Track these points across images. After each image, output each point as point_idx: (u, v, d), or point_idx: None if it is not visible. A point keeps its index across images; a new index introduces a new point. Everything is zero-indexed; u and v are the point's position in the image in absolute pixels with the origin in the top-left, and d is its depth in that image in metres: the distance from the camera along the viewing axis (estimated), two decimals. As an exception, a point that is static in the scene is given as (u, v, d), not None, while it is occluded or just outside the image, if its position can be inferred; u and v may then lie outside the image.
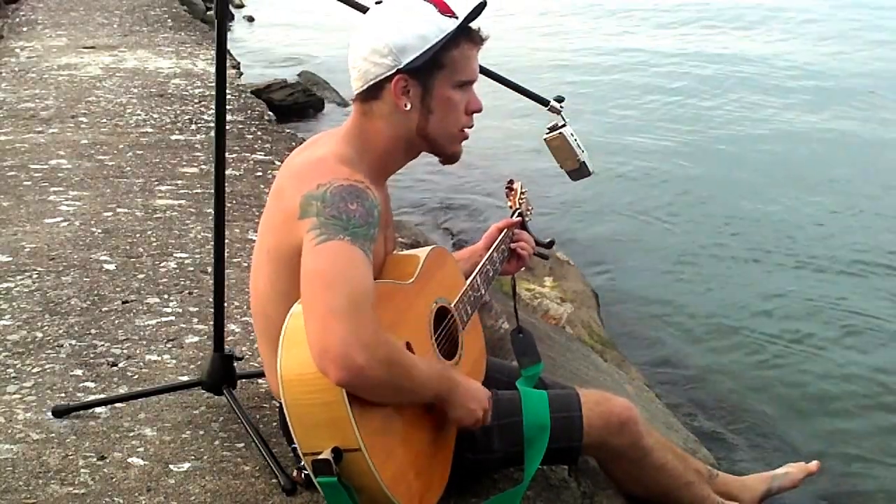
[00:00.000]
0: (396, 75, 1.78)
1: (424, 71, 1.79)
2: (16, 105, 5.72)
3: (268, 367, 1.99)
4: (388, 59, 1.77)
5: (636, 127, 9.30)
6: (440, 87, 1.82)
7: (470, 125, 1.90)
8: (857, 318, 5.27)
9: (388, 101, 1.81)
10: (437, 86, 1.81)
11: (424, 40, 1.77)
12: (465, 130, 1.89)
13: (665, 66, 12.21)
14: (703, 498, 2.28)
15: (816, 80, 11.03)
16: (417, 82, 1.80)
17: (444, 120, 1.84)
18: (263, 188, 4.23)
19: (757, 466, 3.62)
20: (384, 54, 1.77)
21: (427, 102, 1.82)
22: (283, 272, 1.78)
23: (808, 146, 8.53)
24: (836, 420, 4.26)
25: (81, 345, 2.64)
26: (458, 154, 1.92)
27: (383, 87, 1.80)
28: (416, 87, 1.80)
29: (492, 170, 7.81)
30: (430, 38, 1.77)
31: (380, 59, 1.77)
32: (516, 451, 2.00)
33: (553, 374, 2.82)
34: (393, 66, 1.77)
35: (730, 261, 6.17)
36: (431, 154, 1.91)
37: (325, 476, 1.61)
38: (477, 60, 1.87)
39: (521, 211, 2.39)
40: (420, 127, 1.83)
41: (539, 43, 13.67)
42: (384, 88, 1.80)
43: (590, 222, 6.89)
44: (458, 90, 1.84)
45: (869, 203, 7.09)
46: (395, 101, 1.80)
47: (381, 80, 1.79)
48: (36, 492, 1.96)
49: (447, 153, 1.91)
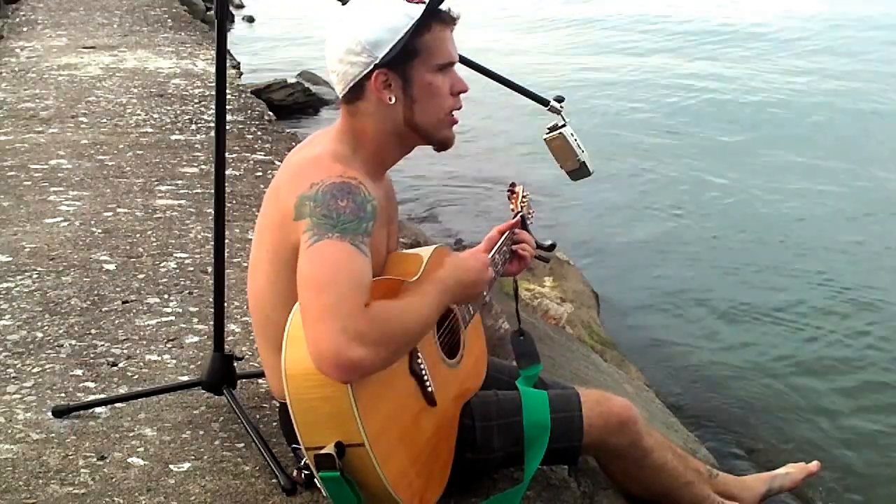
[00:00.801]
0: (374, 71, 1.78)
1: (401, 61, 1.78)
2: (16, 105, 5.72)
3: (267, 367, 1.99)
4: (362, 56, 1.76)
5: (637, 127, 9.30)
6: (419, 74, 1.81)
7: (458, 106, 1.89)
8: (859, 319, 5.27)
9: (372, 98, 1.81)
10: (416, 73, 1.80)
11: (395, 31, 1.76)
12: (453, 114, 1.88)
13: (666, 66, 12.21)
14: (703, 498, 2.28)
15: (821, 84, 11.01)
16: (396, 74, 1.79)
17: (428, 106, 1.83)
18: (263, 188, 4.22)
19: (757, 466, 3.63)
20: (358, 52, 1.76)
21: (409, 92, 1.81)
22: (282, 272, 1.78)
23: (813, 146, 8.52)
24: (836, 421, 4.26)
25: (81, 345, 2.64)
26: (451, 139, 1.91)
27: (364, 86, 1.80)
28: (397, 79, 1.79)
29: (492, 171, 7.82)
30: (401, 28, 1.76)
31: (355, 58, 1.77)
32: (516, 450, 2.00)
33: (553, 374, 2.83)
34: (369, 63, 1.77)
35: (730, 261, 6.17)
36: (425, 144, 1.90)
37: (328, 470, 1.61)
38: (452, 41, 1.86)
39: (523, 214, 2.40)
40: (407, 118, 1.83)
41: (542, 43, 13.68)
42: (365, 87, 1.80)
43: (590, 222, 6.90)
44: (439, 74, 1.83)
45: (880, 211, 7.00)
46: (379, 97, 1.80)
47: (360, 78, 1.79)
48: (36, 492, 1.96)
49: (438, 139, 1.89)
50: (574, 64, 12.34)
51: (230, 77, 6.63)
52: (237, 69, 8.55)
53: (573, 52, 13.17)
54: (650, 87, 11.04)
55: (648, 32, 14.32)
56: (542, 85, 2.69)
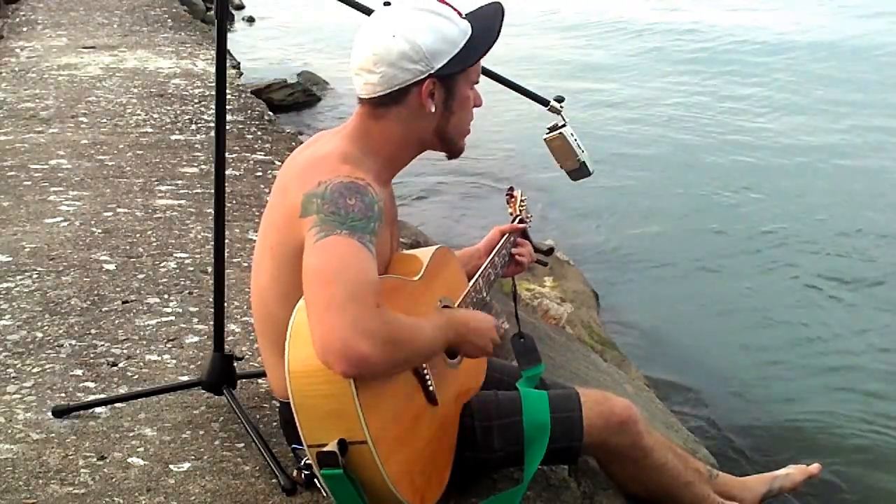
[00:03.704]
0: (427, 80, 1.78)
1: (451, 74, 1.81)
2: (16, 105, 5.72)
3: (268, 366, 1.99)
4: (419, 64, 1.77)
5: (637, 127, 9.30)
6: (461, 88, 1.85)
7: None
8: (859, 320, 5.26)
9: (412, 104, 1.81)
10: (458, 87, 1.84)
11: (454, 45, 1.79)
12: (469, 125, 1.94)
13: (667, 67, 12.21)
14: (703, 498, 2.28)
15: (826, 89, 10.98)
16: (443, 85, 1.81)
17: (462, 119, 1.89)
18: (263, 188, 4.23)
19: (757, 467, 3.63)
20: (415, 60, 1.76)
21: (449, 104, 1.84)
22: (286, 270, 1.78)
23: (813, 154, 8.50)
24: (838, 422, 4.25)
25: (81, 345, 2.64)
26: (464, 148, 1.96)
27: (409, 92, 1.80)
28: (441, 90, 1.81)
29: (492, 170, 7.82)
30: (459, 42, 1.80)
31: (411, 65, 1.76)
32: (516, 450, 2.00)
33: (553, 374, 2.83)
34: (425, 72, 1.77)
35: (731, 261, 6.17)
36: (442, 151, 1.93)
37: (331, 468, 1.61)
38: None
39: (521, 218, 2.41)
40: (440, 127, 1.86)
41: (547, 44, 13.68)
42: (410, 93, 1.80)
43: (590, 222, 6.89)
44: (472, 89, 1.89)
45: (877, 225, 6.93)
46: (421, 104, 1.80)
47: (408, 84, 1.79)
48: (36, 492, 1.96)
49: (457, 149, 1.94)
50: (578, 66, 12.34)
51: (230, 77, 6.63)
52: (237, 69, 8.55)
53: (577, 52, 13.17)
54: (651, 87, 11.03)
55: (662, 47, 14.21)
56: (544, 87, 2.69)
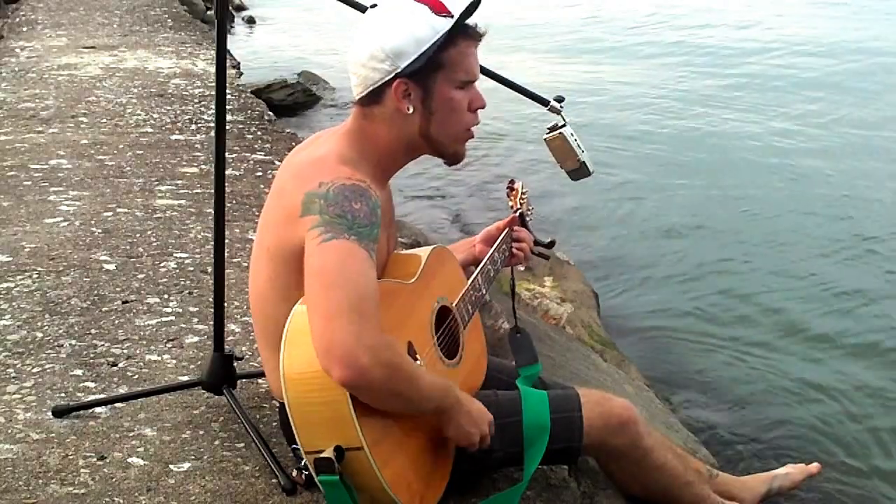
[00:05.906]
0: (396, 80, 1.77)
1: (424, 73, 1.78)
2: (16, 105, 5.71)
3: (267, 367, 1.99)
4: (385, 63, 1.76)
5: (637, 127, 9.30)
6: (441, 89, 1.81)
7: (475, 122, 1.89)
8: (859, 321, 5.26)
9: (390, 105, 1.80)
10: (437, 87, 1.80)
11: (420, 43, 1.76)
12: (470, 129, 1.88)
13: (668, 67, 12.21)
14: (703, 498, 2.28)
15: (829, 91, 10.93)
16: (418, 85, 1.79)
17: (446, 121, 1.83)
18: (263, 188, 4.22)
19: (757, 467, 3.63)
20: (381, 59, 1.76)
21: (428, 104, 1.81)
22: (283, 270, 1.78)
23: (817, 157, 8.48)
24: (837, 421, 4.25)
25: (81, 345, 2.64)
26: (462, 154, 1.91)
27: (384, 92, 1.79)
28: (417, 90, 1.79)
29: (492, 170, 7.81)
30: (426, 40, 1.76)
31: (378, 64, 1.77)
32: (516, 451, 2.00)
33: (553, 374, 2.83)
34: (391, 71, 1.77)
35: (730, 261, 6.16)
36: (435, 155, 1.90)
37: (327, 475, 1.61)
38: (476, 57, 1.86)
39: (522, 211, 2.39)
40: (422, 129, 1.83)
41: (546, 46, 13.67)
42: (385, 93, 1.79)
43: (590, 222, 6.88)
44: (460, 90, 1.83)
45: (880, 228, 6.91)
46: (397, 105, 1.79)
47: (381, 84, 1.79)
48: (36, 492, 1.96)
49: (449, 153, 1.89)
50: (579, 66, 12.33)
51: (230, 77, 6.63)
52: (237, 69, 8.54)
53: (578, 55, 13.16)
54: (651, 87, 11.03)
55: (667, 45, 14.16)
56: (545, 87, 2.69)
